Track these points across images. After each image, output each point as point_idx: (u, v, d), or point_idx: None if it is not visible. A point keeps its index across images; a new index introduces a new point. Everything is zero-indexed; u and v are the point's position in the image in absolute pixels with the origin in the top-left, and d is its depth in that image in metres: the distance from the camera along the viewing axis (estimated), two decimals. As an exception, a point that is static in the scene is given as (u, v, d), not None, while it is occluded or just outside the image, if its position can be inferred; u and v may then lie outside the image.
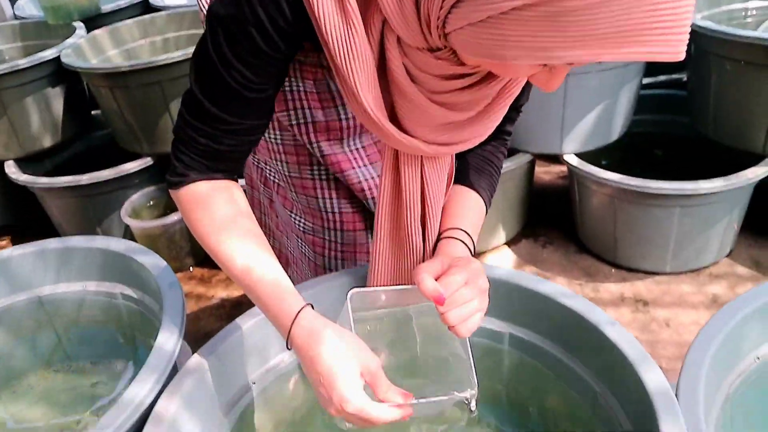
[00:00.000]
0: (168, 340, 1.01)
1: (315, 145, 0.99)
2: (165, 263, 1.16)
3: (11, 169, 2.47)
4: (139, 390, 0.93)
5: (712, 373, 0.90)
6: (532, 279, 1.01)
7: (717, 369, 0.92)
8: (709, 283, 2.20)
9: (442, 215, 0.93)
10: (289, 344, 0.79)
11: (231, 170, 0.86)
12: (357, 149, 1.03)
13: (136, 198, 2.50)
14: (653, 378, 0.83)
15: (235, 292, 2.40)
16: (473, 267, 0.82)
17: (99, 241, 1.29)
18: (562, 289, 0.98)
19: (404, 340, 0.95)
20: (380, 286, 0.94)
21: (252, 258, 0.81)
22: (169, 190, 0.84)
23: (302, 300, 0.80)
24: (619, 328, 0.90)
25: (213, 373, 0.97)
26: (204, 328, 2.27)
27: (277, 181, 1.12)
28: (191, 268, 2.57)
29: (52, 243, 1.34)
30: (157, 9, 2.94)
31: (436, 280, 0.80)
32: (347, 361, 0.74)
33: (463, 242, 0.91)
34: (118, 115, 2.36)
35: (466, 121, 0.78)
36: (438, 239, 0.92)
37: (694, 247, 2.16)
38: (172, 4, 2.96)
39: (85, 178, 2.35)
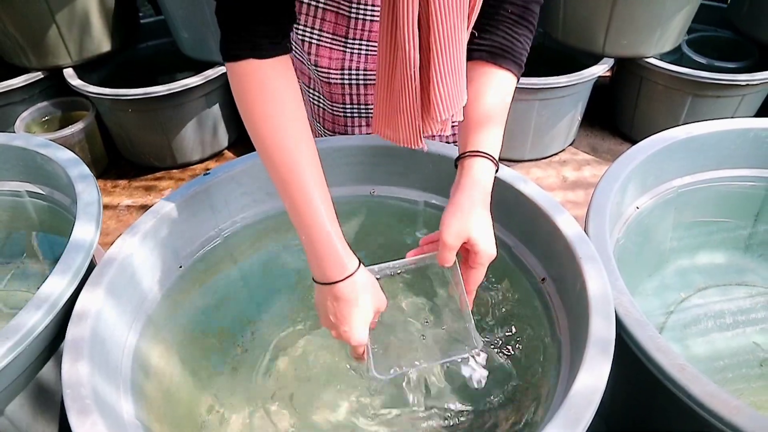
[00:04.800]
0: (84, 231, 0.83)
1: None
2: (73, 154, 0.95)
3: None
4: (55, 286, 0.75)
5: (610, 220, 0.86)
6: (445, 146, 0.91)
7: (611, 217, 0.88)
8: (560, 167, 2.23)
9: (466, 120, 0.74)
10: (317, 280, 0.70)
11: (275, 30, 0.65)
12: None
13: (27, 115, 2.14)
14: (567, 223, 0.77)
15: (140, 199, 2.16)
16: (489, 252, 0.71)
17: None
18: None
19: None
20: (380, 126, 0.73)
21: (311, 183, 0.67)
22: (225, 63, 0.66)
23: (355, 258, 0.70)
24: (532, 184, 0.83)
25: (137, 261, 0.81)
26: (115, 237, 2.03)
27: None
28: (93, 180, 2.26)
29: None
30: None
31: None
32: (365, 305, 0.70)
33: (487, 158, 0.74)
34: (-2, 28, 1.98)
35: None
36: (463, 155, 0.74)
37: (548, 137, 2.16)
38: None
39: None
